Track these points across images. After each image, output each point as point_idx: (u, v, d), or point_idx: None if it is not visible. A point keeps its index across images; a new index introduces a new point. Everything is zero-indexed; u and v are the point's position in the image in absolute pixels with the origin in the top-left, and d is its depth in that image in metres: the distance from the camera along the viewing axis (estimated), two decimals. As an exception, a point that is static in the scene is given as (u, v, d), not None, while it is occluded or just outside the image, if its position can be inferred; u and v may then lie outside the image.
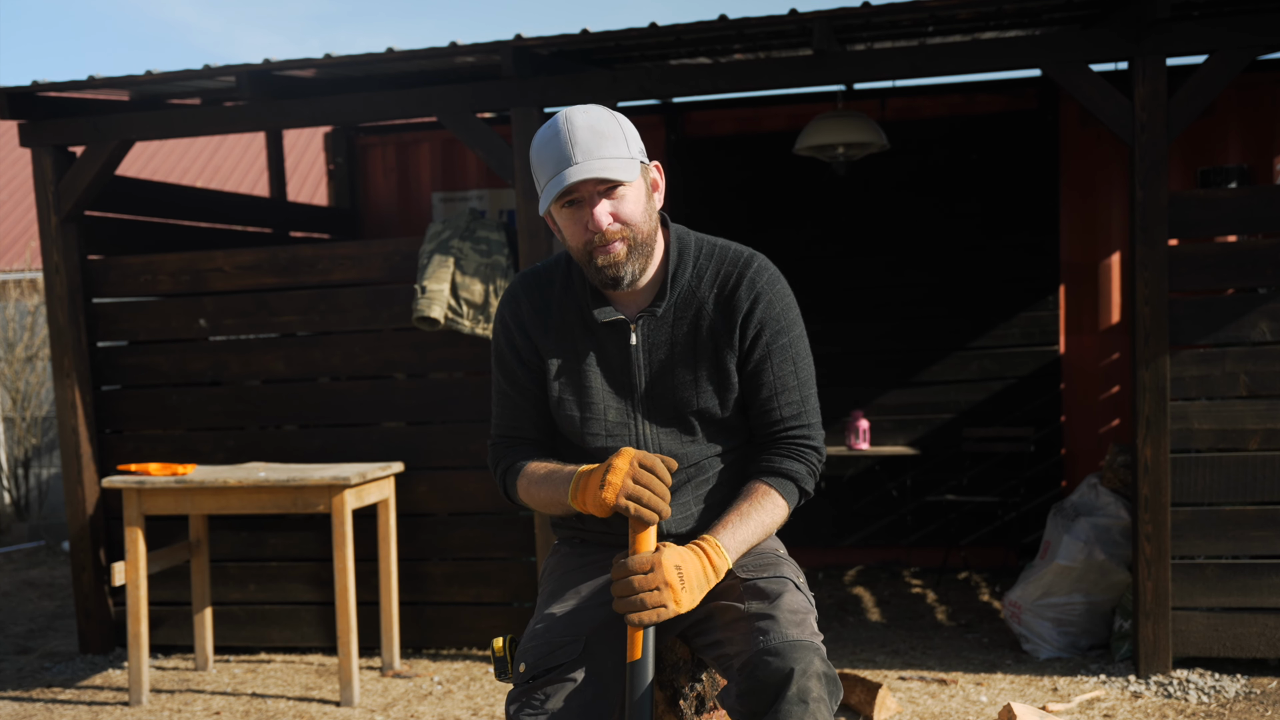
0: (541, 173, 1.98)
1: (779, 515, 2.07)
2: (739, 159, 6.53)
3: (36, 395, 9.09)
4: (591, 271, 2.01)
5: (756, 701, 1.85)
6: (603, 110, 1.99)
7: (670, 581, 1.87)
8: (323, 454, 4.97)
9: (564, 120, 1.96)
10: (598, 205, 1.95)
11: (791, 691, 1.81)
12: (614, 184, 1.96)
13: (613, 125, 1.97)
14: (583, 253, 2.00)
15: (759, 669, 1.85)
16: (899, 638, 5.07)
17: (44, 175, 5.01)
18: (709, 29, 4.28)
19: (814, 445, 2.12)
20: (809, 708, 1.81)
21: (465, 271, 4.68)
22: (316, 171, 11.43)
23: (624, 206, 1.97)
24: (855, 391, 6.48)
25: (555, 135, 1.95)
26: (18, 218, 11.52)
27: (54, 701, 4.60)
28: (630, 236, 1.98)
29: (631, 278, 2.01)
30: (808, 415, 2.11)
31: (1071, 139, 6.25)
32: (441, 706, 4.33)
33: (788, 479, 2.08)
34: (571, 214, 1.98)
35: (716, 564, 1.95)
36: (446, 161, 7.03)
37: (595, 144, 1.93)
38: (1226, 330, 4.23)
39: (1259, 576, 4.24)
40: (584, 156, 1.92)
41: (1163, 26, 4.10)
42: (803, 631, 1.90)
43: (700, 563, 1.93)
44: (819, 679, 1.84)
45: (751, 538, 2.02)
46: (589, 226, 1.96)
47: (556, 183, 1.93)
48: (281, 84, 4.81)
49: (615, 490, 1.89)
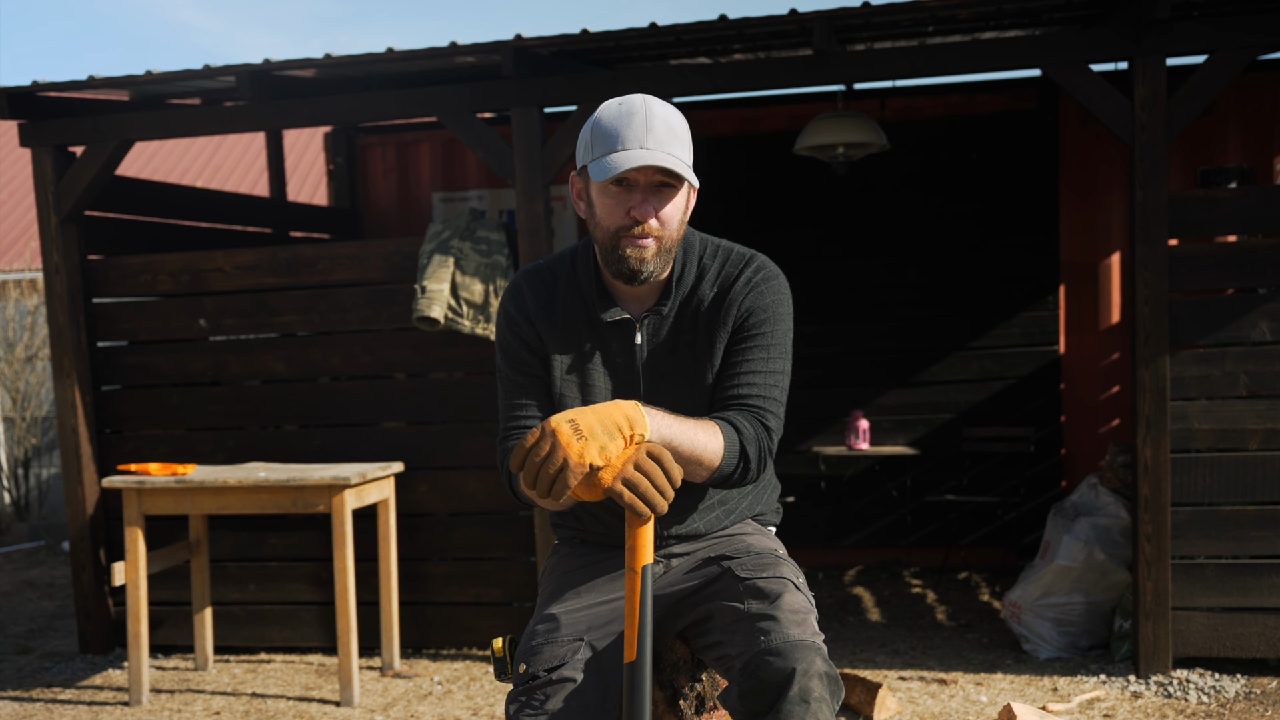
0: (603, 143, 1.93)
1: (713, 444, 1.91)
2: (739, 159, 6.53)
3: (36, 395, 9.09)
4: (613, 259, 1.98)
5: (758, 702, 1.84)
6: (677, 112, 1.98)
7: (562, 438, 1.74)
8: (323, 454, 4.98)
9: (643, 104, 1.94)
10: (651, 199, 1.94)
11: (793, 691, 1.81)
12: (673, 182, 1.95)
13: (684, 130, 1.97)
14: (612, 236, 1.97)
15: (760, 669, 1.85)
16: (899, 638, 5.07)
17: (44, 175, 5.01)
18: (709, 29, 4.28)
19: (766, 423, 2.01)
20: (810, 707, 1.80)
21: (465, 271, 4.68)
22: (316, 171, 11.43)
23: (669, 208, 1.96)
24: (855, 391, 6.49)
25: (632, 114, 1.93)
26: (18, 218, 11.52)
27: (54, 701, 4.60)
28: (663, 238, 1.97)
29: (648, 276, 1.99)
30: (767, 401, 2.03)
31: (1071, 139, 6.25)
32: (441, 706, 4.33)
33: (731, 425, 1.97)
34: (619, 194, 1.95)
35: (630, 413, 1.79)
36: (446, 161, 7.03)
37: (668, 139, 1.93)
38: (1226, 330, 4.23)
39: (1259, 576, 4.25)
40: (656, 145, 1.91)
41: (1163, 26, 4.10)
42: (804, 631, 1.90)
43: (602, 411, 1.78)
44: (821, 679, 1.83)
45: (678, 431, 1.87)
46: (633, 213, 1.94)
47: (625, 157, 1.90)
48: (281, 84, 4.80)
49: (613, 473, 1.78)
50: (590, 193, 2.00)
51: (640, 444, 1.80)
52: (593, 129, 1.96)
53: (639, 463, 1.78)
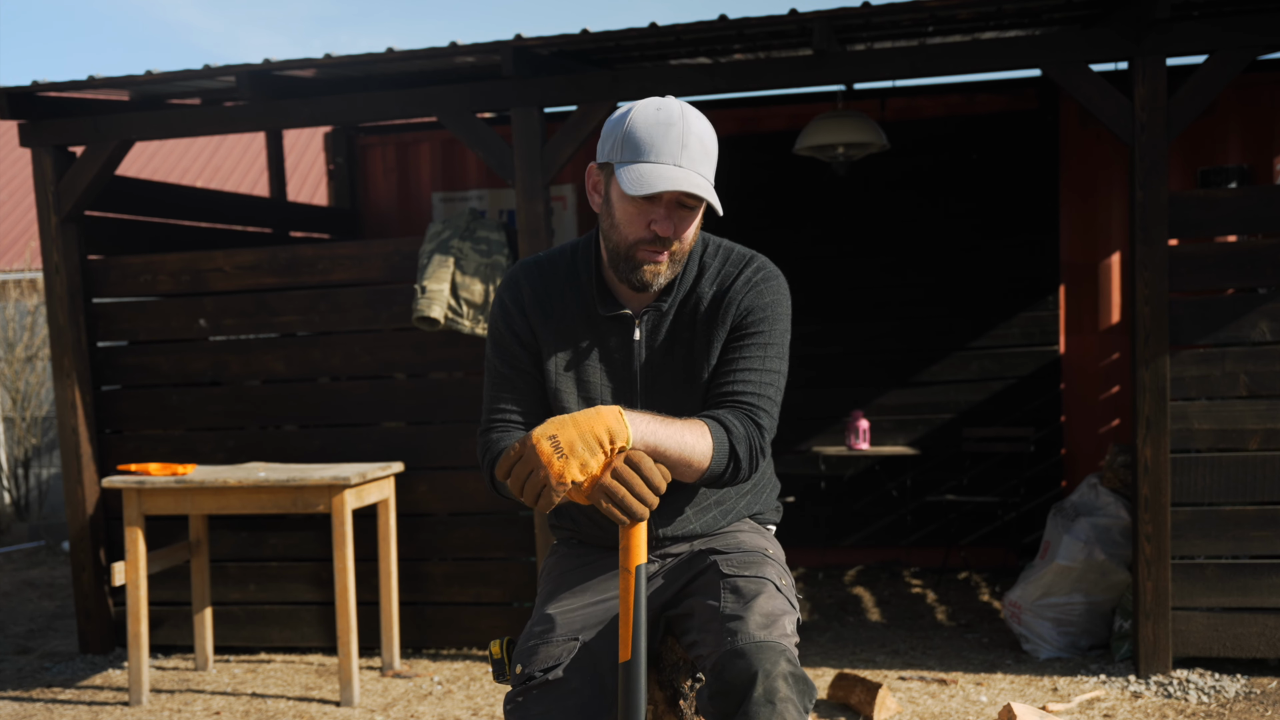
0: (635, 149, 1.90)
1: (701, 444, 1.89)
2: (739, 159, 6.52)
3: (36, 395, 9.09)
4: (625, 268, 1.98)
5: (725, 702, 1.84)
6: (710, 126, 1.97)
7: (543, 456, 1.74)
8: (323, 454, 4.98)
9: (681, 115, 1.92)
10: (674, 215, 1.94)
11: (758, 693, 1.81)
12: (697, 201, 1.94)
13: (715, 146, 1.96)
14: (629, 245, 1.96)
15: (726, 670, 1.85)
16: (899, 638, 5.07)
17: (44, 175, 5.01)
18: (709, 29, 4.28)
19: (758, 421, 1.99)
20: (776, 708, 1.80)
21: (465, 271, 4.68)
22: (316, 171, 11.43)
23: (688, 228, 1.96)
24: (855, 391, 6.49)
25: (670, 125, 1.90)
26: (18, 218, 11.52)
27: (54, 701, 4.60)
28: (677, 253, 1.98)
29: (658, 286, 2.00)
30: (761, 400, 2.01)
31: (1071, 139, 6.25)
32: (441, 706, 4.33)
33: (721, 424, 1.95)
34: (643, 206, 1.93)
35: (611, 425, 1.78)
36: (446, 161, 7.03)
37: (701, 157, 1.92)
38: (1226, 330, 4.23)
39: (1259, 576, 4.25)
40: (689, 164, 1.90)
41: (1163, 26, 4.10)
42: (770, 633, 1.90)
43: (584, 423, 1.77)
44: (785, 679, 1.83)
45: (664, 435, 1.85)
46: (654, 227, 1.93)
47: (658, 175, 1.87)
48: (281, 84, 4.80)
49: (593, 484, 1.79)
50: (611, 193, 1.98)
51: (620, 453, 1.80)
52: (625, 130, 1.93)
53: (616, 470, 1.78)
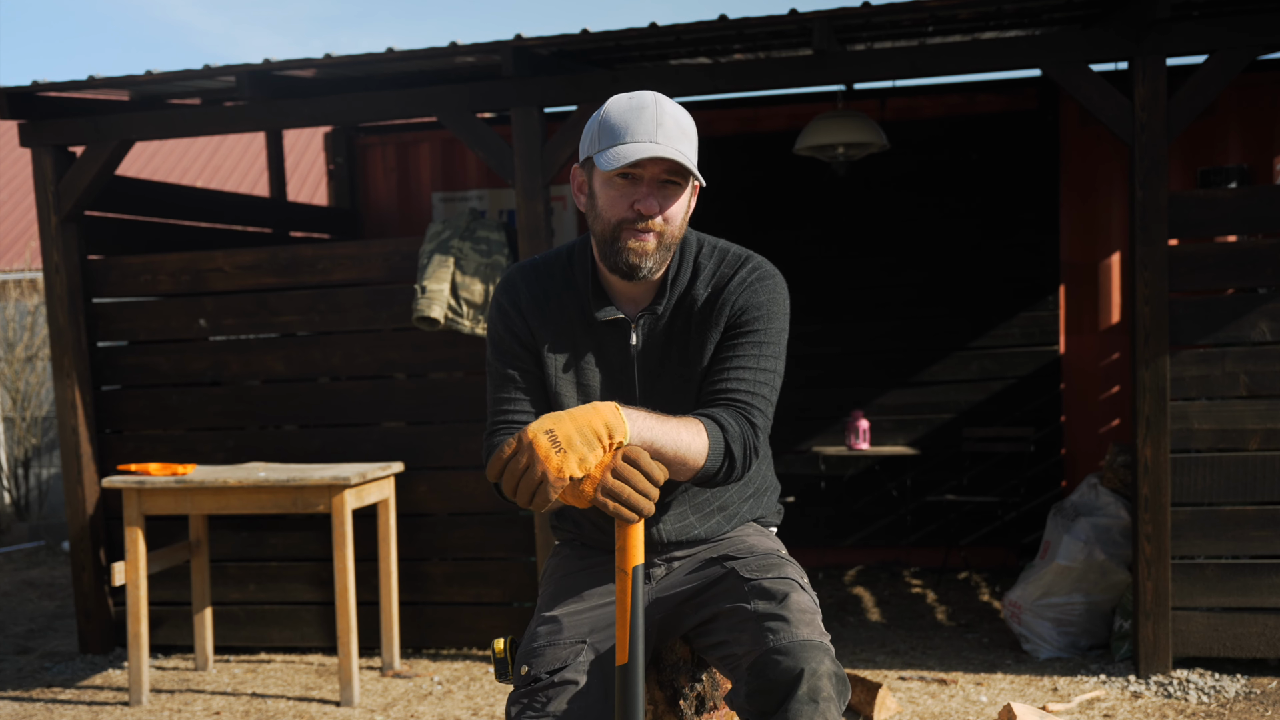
0: (611, 135, 1.92)
1: (697, 443, 1.87)
2: (739, 159, 6.52)
3: (36, 395, 9.09)
4: (611, 252, 1.97)
5: (766, 701, 1.83)
6: (686, 112, 1.99)
7: (540, 451, 1.70)
8: (323, 454, 4.97)
9: (654, 100, 1.94)
10: (657, 194, 1.94)
11: (802, 691, 1.80)
12: (679, 180, 1.95)
13: (692, 129, 1.97)
14: (614, 228, 1.96)
15: (769, 668, 1.84)
16: (899, 638, 5.07)
17: (44, 175, 5.01)
18: (709, 29, 4.28)
19: (752, 419, 1.97)
20: (819, 707, 1.79)
21: (465, 271, 4.68)
22: (316, 171, 11.43)
23: (672, 205, 1.96)
24: (855, 391, 6.49)
25: (642, 108, 1.93)
26: (18, 218, 11.52)
27: (54, 701, 4.60)
28: (664, 234, 1.96)
29: (648, 271, 1.98)
30: (755, 399, 2.00)
31: (1071, 139, 6.25)
32: (441, 706, 4.33)
33: (716, 422, 1.93)
34: (624, 186, 1.94)
35: (609, 419, 1.75)
36: (446, 161, 7.03)
37: (677, 135, 1.93)
38: (1226, 330, 4.23)
39: (1259, 576, 4.25)
40: (665, 140, 1.91)
41: (1163, 26, 4.10)
42: (813, 631, 1.89)
43: (581, 418, 1.74)
44: (829, 678, 1.82)
45: (661, 432, 1.83)
46: (637, 205, 1.93)
47: (634, 149, 1.89)
48: (281, 84, 4.81)
49: (594, 484, 1.76)
50: (593, 184, 1.99)
51: (618, 449, 1.78)
52: (600, 121, 1.95)
53: (616, 469, 1.75)
